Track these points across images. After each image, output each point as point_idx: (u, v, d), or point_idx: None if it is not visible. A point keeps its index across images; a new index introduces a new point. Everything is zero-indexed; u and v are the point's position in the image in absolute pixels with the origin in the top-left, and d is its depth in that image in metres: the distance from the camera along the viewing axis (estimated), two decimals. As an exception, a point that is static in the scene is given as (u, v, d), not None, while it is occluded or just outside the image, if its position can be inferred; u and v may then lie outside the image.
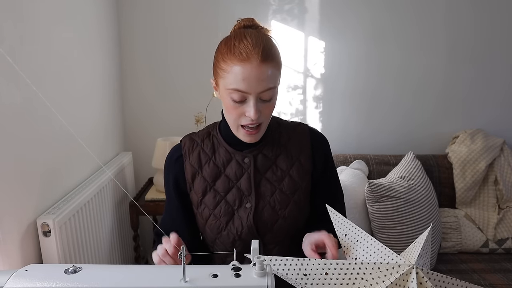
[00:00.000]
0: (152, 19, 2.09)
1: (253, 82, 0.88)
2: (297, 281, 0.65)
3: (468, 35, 2.15)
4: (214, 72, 0.97)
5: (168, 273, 0.64)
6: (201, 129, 1.10)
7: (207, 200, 1.02)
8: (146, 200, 1.93)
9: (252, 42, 0.89)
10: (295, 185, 1.02)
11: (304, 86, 2.20)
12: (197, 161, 1.03)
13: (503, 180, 1.98)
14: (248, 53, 0.88)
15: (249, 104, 0.90)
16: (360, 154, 2.11)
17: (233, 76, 0.89)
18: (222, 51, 0.93)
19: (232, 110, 0.93)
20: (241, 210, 1.01)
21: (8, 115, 1.15)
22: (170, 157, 1.07)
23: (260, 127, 0.96)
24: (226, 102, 0.94)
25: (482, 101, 2.23)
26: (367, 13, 2.12)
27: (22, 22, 1.22)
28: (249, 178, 1.01)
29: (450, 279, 0.63)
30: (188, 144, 1.05)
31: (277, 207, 1.00)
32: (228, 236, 1.02)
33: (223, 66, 0.91)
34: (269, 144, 1.04)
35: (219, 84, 0.95)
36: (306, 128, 1.08)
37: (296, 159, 1.03)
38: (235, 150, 1.03)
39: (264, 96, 0.91)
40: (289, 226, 1.02)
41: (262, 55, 0.88)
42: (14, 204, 1.18)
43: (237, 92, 0.89)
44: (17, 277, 0.62)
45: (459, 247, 1.94)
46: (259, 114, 0.91)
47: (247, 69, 0.87)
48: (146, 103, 2.18)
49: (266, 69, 0.89)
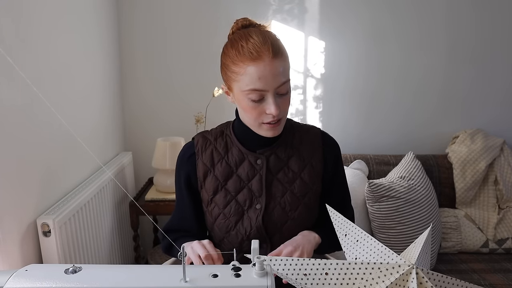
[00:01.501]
0: (152, 19, 2.09)
1: (269, 79, 0.89)
2: (297, 281, 0.65)
3: (468, 35, 2.15)
4: (225, 77, 0.96)
5: (168, 273, 0.64)
6: (213, 128, 1.10)
7: (218, 199, 1.02)
8: (146, 200, 1.92)
9: (259, 39, 0.90)
10: (306, 188, 1.02)
11: (304, 86, 2.20)
12: (210, 160, 1.03)
13: (503, 180, 1.98)
14: (259, 51, 0.88)
15: (268, 101, 0.91)
16: (360, 154, 2.11)
17: (248, 77, 0.89)
18: (231, 55, 0.92)
19: (251, 110, 0.93)
20: (251, 210, 1.01)
21: (8, 115, 1.15)
22: (183, 155, 1.07)
23: (281, 121, 0.97)
24: (244, 104, 0.93)
25: (482, 101, 2.23)
26: (367, 13, 2.12)
27: (22, 22, 1.22)
28: (260, 180, 1.01)
29: (450, 279, 0.63)
30: (201, 142, 1.05)
31: (287, 208, 1.01)
32: (236, 236, 1.02)
33: (235, 69, 0.91)
34: (282, 145, 1.04)
35: (233, 88, 0.94)
36: (319, 131, 1.08)
37: (308, 162, 1.03)
38: (248, 150, 1.03)
39: (281, 91, 0.92)
40: (298, 227, 1.02)
41: (273, 51, 0.89)
42: (14, 204, 1.18)
43: (255, 92, 0.90)
44: (17, 277, 0.62)
45: (459, 247, 1.94)
46: (279, 109, 0.92)
47: (261, 68, 0.88)
48: (146, 103, 2.18)
49: (279, 64, 0.90)
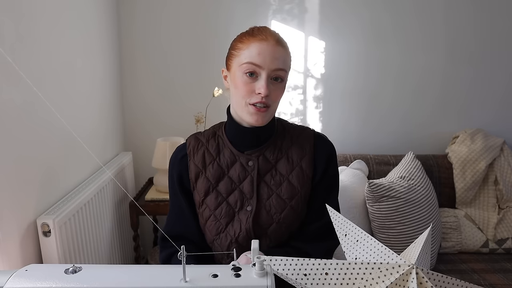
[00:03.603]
0: (152, 19, 2.09)
1: (267, 58, 0.93)
2: (297, 281, 0.65)
3: (469, 35, 2.15)
4: (228, 57, 1.01)
5: (168, 273, 0.64)
6: (206, 129, 1.10)
7: (209, 200, 1.02)
8: (146, 200, 1.92)
9: (270, 30, 0.98)
10: (293, 191, 1.01)
11: (304, 86, 2.20)
12: (202, 161, 1.04)
13: (503, 180, 1.98)
14: (266, 35, 0.95)
15: (261, 80, 0.94)
16: (360, 154, 2.11)
17: (248, 52, 0.94)
18: (241, 35, 1.00)
19: (243, 85, 0.95)
20: (241, 212, 1.01)
21: (8, 115, 1.15)
22: (175, 156, 1.07)
23: (268, 110, 0.97)
24: (238, 79, 0.96)
25: (482, 101, 2.23)
26: (367, 14, 2.12)
27: (22, 22, 1.22)
28: (252, 181, 1.01)
29: (450, 279, 0.63)
30: (193, 144, 1.06)
31: (272, 211, 1.00)
32: (226, 238, 1.02)
33: (240, 45, 0.97)
34: (271, 146, 1.03)
35: (232, 65, 0.98)
36: (312, 133, 1.07)
37: (296, 165, 1.03)
38: (239, 152, 1.03)
39: (276, 74, 0.95)
40: (284, 230, 1.01)
41: (279, 40, 0.96)
42: (14, 204, 1.18)
43: (251, 65, 0.93)
44: (17, 277, 0.61)
45: (459, 247, 1.94)
46: (269, 92, 0.94)
47: (263, 46, 0.94)
48: (146, 103, 2.18)
49: (281, 51, 0.95)
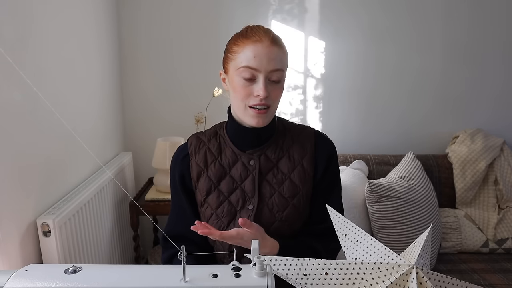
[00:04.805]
0: (153, 19, 2.09)
1: (263, 59, 0.93)
2: (297, 281, 0.65)
3: (469, 35, 2.15)
4: (224, 60, 1.01)
5: (168, 273, 0.64)
6: (208, 129, 1.11)
7: (211, 199, 1.03)
8: (146, 200, 1.92)
9: (263, 29, 0.97)
10: (295, 189, 1.02)
11: (304, 86, 2.20)
12: (203, 161, 1.04)
13: (503, 180, 1.98)
14: (260, 36, 0.94)
15: (259, 83, 0.94)
16: (360, 154, 2.11)
17: (244, 55, 0.94)
18: (235, 37, 0.99)
19: (241, 89, 0.95)
20: (243, 211, 1.01)
21: (8, 115, 1.15)
22: (177, 156, 1.08)
23: (268, 110, 0.97)
24: (236, 83, 0.96)
25: (482, 101, 2.23)
26: (367, 14, 2.11)
27: (22, 22, 1.22)
28: (253, 180, 1.01)
29: (450, 279, 0.63)
30: (195, 144, 1.06)
31: (275, 210, 1.01)
32: None
33: (235, 48, 0.96)
34: (272, 145, 1.04)
35: (229, 69, 0.98)
36: (313, 132, 1.08)
37: (298, 163, 1.03)
38: (241, 151, 1.03)
39: (273, 76, 0.95)
40: (287, 229, 1.02)
41: (273, 39, 0.95)
42: (14, 204, 1.18)
43: (248, 69, 0.93)
44: (17, 277, 0.61)
45: (459, 247, 1.94)
46: (267, 94, 0.94)
47: (258, 48, 0.93)
48: (146, 103, 2.18)
49: (276, 51, 0.95)
